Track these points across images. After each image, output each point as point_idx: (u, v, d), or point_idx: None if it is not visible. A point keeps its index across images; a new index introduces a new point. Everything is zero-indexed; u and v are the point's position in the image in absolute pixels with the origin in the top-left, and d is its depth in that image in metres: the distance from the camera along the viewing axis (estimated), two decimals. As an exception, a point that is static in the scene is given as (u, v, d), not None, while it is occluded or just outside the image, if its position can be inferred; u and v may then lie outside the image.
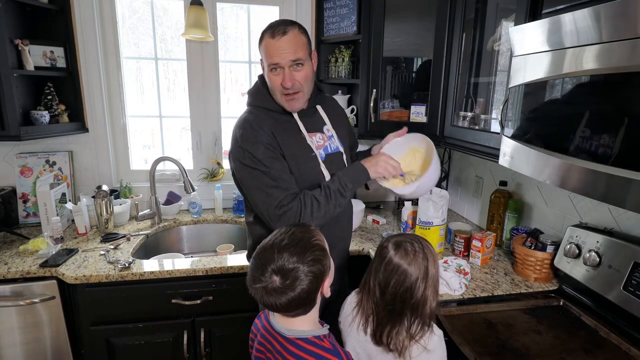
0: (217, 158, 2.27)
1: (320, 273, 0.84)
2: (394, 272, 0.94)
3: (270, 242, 0.86)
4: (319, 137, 1.30)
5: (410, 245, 0.97)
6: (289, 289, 0.80)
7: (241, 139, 1.18)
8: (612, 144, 0.81)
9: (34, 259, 1.55)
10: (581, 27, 0.85)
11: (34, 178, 1.96)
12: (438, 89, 1.67)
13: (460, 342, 1.07)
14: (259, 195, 1.18)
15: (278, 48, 1.15)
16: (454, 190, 2.26)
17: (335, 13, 2.01)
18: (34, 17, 1.83)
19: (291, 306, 0.83)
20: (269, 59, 1.18)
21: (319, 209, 1.17)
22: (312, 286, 0.82)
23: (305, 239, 0.86)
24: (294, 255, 0.81)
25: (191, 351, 1.62)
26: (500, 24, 1.42)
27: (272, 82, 1.21)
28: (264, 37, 1.19)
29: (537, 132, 1.04)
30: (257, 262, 0.84)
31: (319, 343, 0.86)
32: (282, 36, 1.15)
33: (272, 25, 1.18)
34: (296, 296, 0.81)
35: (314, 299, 0.86)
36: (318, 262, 0.83)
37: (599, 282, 1.20)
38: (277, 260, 0.81)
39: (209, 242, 2.13)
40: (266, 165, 1.16)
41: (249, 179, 1.19)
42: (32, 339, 1.54)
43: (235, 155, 1.20)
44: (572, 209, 1.45)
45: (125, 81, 2.12)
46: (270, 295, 0.81)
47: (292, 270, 0.80)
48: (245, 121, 1.22)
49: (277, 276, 0.80)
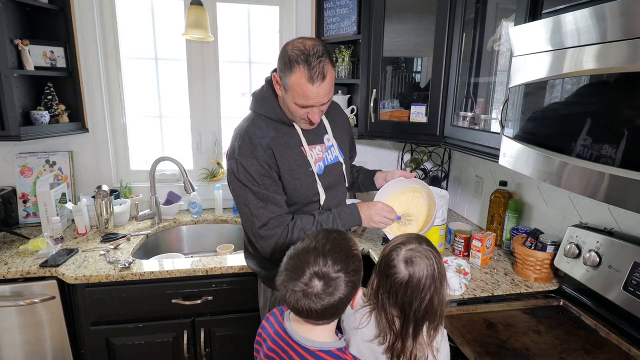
0: (217, 158, 2.27)
1: (357, 283, 0.83)
2: (415, 291, 0.88)
3: (312, 245, 0.83)
4: (319, 150, 1.29)
5: (419, 255, 0.90)
6: (329, 295, 0.78)
7: (238, 150, 1.17)
8: (612, 144, 0.81)
9: (34, 259, 1.55)
10: (581, 27, 0.85)
11: (34, 178, 1.96)
12: (438, 89, 1.67)
13: (460, 342, 1.07)
14: (245, 212, 1.18)
15: (317, 94, 1.10)
16: (454, 190, 2.26)
17: (335, 13, 2.01)
18: (34, 17, 1.83)
19: (324, 313, 0.80)
20: (302, 100, 1.12)
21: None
22: (350, 296, 0.82)
23: (347, 247, 0.85)
24: (338, 263, 0.80)
25: (191, 351, 1.62)
26: (500, 24, 1.42)
27: (296, 112, 1.16)
28: (297, 74, 1.07)
29: (537, 132, 1.04)
30: (295, 263, 0.81)
31: (341, 356, 0.84)
32: (321, 82, 1.08)
33: (308, 63, 1.06)
34: (334, 303, 0.79)
35: (344, 309, 0.84)
36: (357, 273, 0.83)
37: (599, 282, 1.20)
38: (320, 264, 0.79)
39: (209, 242, 2.13)
40: (258, 182, 1.15)
41: (239, 194, 1.19)
42: (32, 339, 1.54)
43: (230, 167, 1.19)
44: (572, 209, 1.45)
45: (125, 81, 2.12)
46: (307, 298, 0.78)
47: (336, 278, 0.79)
48: (245, 133, 1.19)
49: (320, 281, 0.78)
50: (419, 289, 0.88)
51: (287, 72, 1.09)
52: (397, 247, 0.93)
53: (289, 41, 1.13)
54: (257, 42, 2.24)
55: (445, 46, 1.62)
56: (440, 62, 1.64)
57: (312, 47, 1.08)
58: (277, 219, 1.17)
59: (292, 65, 1.08)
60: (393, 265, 0.91)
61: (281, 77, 1.13)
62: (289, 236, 1.16)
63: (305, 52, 1.07)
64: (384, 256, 0.95)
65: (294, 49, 1.08)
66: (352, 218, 1.25)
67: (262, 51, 2.25)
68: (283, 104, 1.20)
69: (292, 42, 1.12)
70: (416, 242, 0.93)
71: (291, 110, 1.17)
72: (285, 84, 1.12)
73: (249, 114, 1.26)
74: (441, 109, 1.69)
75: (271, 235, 1.16)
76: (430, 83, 1.71)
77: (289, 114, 1.20)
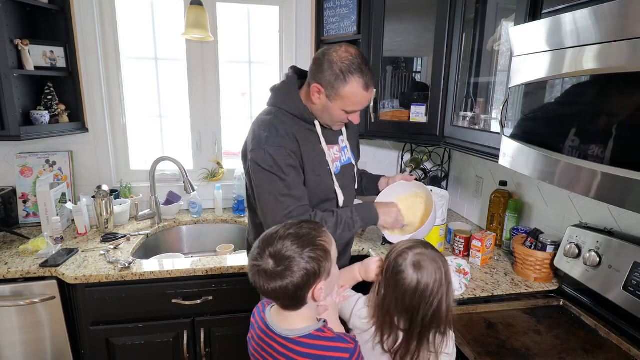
0: (217, 158, 2.27)
1: (314, 273, 0.81)
2: (423, 296, 0.87)
3: (277, 229, 0.86)
4: (336, 150, 1.32)
5: (427, 259, 0.89)
6: (279, 276, 0.79)
7: (266, 141, 1.16)
8: (612, 144, 0.81)
9: (34, 259, 1.55)
10: (581, 27, 0.85)
11: (34, 178, 1.96)
12: (438, 89, 1.67)
13: (460, 342, 1.07)
14: (269, 200, 1.17)
15: (368, 99, 1.19)
16: (454, 190, 2.26)
17: (335, 13, 2.01)
18: (34, 17, 1.83)
19: (278, 295, 0.82)
20: (353, 107, 1.18)
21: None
22: (302, 282, 0.80)
23: (311, 235, 0.84)
24: (294, 246, 0.81)
25: (191, 351, 1.62)
26: (500, 24, 1.42)
27: (339, 117, 1.21)
28: (352, 84, 1.14)
29: (537, 132, 1.04)
30: (259, 244, 0.85)
31: (322, 335, 0.84)
32: (372, 87, 1.17)
33: (362, 72, 1.14)
34: (283, 287, 0.79)
35: (302, 298, 0.83)
36: (315, 261, 0.81)
37: (599, 282, 1.20)
38: (276, 244, 0.81)
39: (209, 242, 2.13)
40: (284, 172, 1.15)
41: (264, 182, 1.17)
42: (32, 339, 1.54)
43: (256, 156, 1.17)
44: (572, 209, 1.45)
45: (125, 81, 2.12)
46: (260, 276, 0.81)
47: (287, 258, 0.79)
48: (271, 124, 1.19)
49: (272, 260, 0.80)
50: (427, 294, 0.87)
51: (339, 83, 1.14)
52: (404, 252, 0.92)
53: (328, 51, 1.16)
54: (257, 42, 2.24)
55: (445, 46, 1.62)
56: (440, 62, 1.64)
57: (357, 56, 1.14)
58: (301, 208, 1.17)
59: (346, 76, 1.13)
60: (401, 270, 0.89)
61: (327, 88, 1.16)
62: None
63: (357, 62, 1.13)
64: (391, 262, 0.93)
65: (343, 60, 1.13)
66: (370, 215, 1.26)
67: (262, 51, 2.25)
68: (321, 111, 1.22)
69: (335, 53, 1.14)
70: (422, 247, 0.93)
71: (334, 116, 1.21)
72: (333, 94, 1.16)
73: (270, 108, 1.26)
74: (441, 109, 1.69)
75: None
76: (430, 83, 1.71)
77: (327, 119, 1.23)
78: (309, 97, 1.21)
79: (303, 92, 1.24)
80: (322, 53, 1.17)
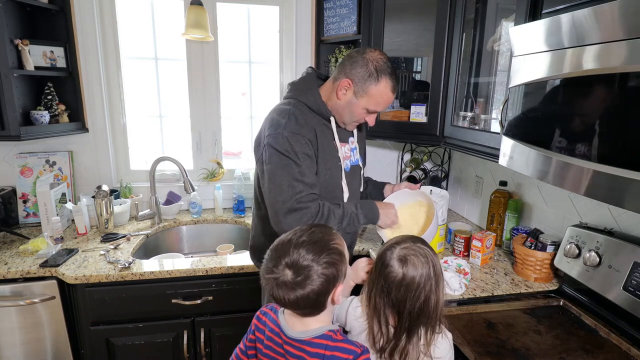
0: (217, 158, 2.27)
1: (333, 277, 0.81)
2: (409, 289, 0.88)
3: (288, 237, 0.85)
4: (347, 149, 1.34)
5: (413, 253, 0.90)
6: (299, 286, 0.79)
7: (285, 127, 1.18)
8: (611, 143, 0.81)
9: (34, 259, 1.55)
10: (581, 27, 0.85)
11: (34, 178, 1.96)
12: (438, 89, 1.67)
13: (460, 342, 1.07)
14: (281, 183, 1.16)
15: (390, 102, 1.27)
16: (454, 190, 2.26)
17: (335, 13, 2.01)
18: (34, 17, 1.83)
19: (299, 305, 0.81)
20: (375, 107, 1.24)
21: (332, 223, 1.18)
22: (323, 289, 0.80)
23: (324, 240, 0.84)
24: (310, 253, 0.80)
25: (191, 351, 1.62)
26: (500, 24, 1.42)
27: (359, 115, 1.26)
28: (383, 84, 1.20)
29: (537, 132, 1.04)
30: (272, 254, 0.84)
31: (333, 337, 0.84)
32: (396, 92, 1.24)
33: (393, 75, 1.21)
34: (305, 295, 0.79)
35: (323, 303, 0.83)
36: (332, 266, 0.81)
37: (599, 282, 1.20)
38: (292, 254, 0.80)
39: (209, 242, 2.13)
40: (300, 158, 1.17)
41: (277, 166, 1.17)
42: (32, 339, 1.54)
43: (273, 140, 1.18)
44: (572, 209, 1.45)
45: (125, 81, 2.12)
46: (280, 288, 0.80)
47: (305, 267, 0.79)
48: (290, 113, 1.21)
49: (290, 270, 0.79)
50: (413, 287, 0.88)
51: (371, 80, 1.20)
52: (392, 246, 0.94)
53: (364, 50, 1.22)
54: (257, 42, 2.24)
55: (445, 46, 1.62)
56: (440, 62, 1.64)
57: (389, 61, 1.22)
58: (311, 196, 1.18)
59: (379, 75, 1.19)
60: (387, 264, 0.91)
61: (357, 84, 1.21)
62: (320, 213, 1.18)
63: (389, 65, 1.21)
64: (379, 256, 0.95)
65: (378, 61, 1.20)
66: (372, 213, 1.29)
67: (262, 51, 2.25)
68: (343, 107, 1.25)
69: (371, 53, 1.21)
70: (410, 242, 0.94)
71: (354, 114, 1.26)
72: (362, 91, 1.21)
73: (289, 100, 1.28)
74: (441, 109, 1.69)
75: (304, 208, 1.16)
76: (430, 83, 1.71)
77: (346, 116, 1.27)
78: (331, 94, 1.26)
79: (323, 89, 1.29)
80: (357, 51, 1.24)
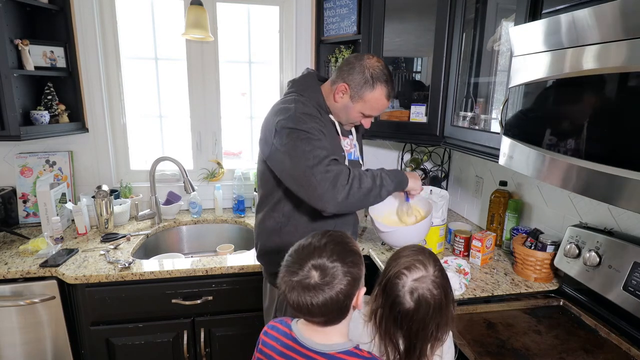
0: (217, 158, 2.27)
1: (357, 277, 0.81)
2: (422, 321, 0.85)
3: (309, 241, 0.84)
4: (347, 142, 1.37)
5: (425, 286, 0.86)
6: (327, 286, 0.77)
7: (296, 109, 1.20)
8: (612, 143, 0.81)
9: (34, 259, 1.55)
10: (581, 27, 0.85)
11: (34, 178, 1.96)
12: (438, 89, 1.67)
13: (460, 342, 1.07)
14: (304, 150, 1.14)
15: (385, 108, 1.31)
16: (454, 190, 2.26)
17: (335, 13, 2.01)
18: (34, 17, 1.83)
19: (327, 308, 0.78)
20: (370, 112, 1.28)
21: (359, 188, 1.16)
22: (349, 289, 0.79)
23: (344, 242, 0.84)
24: (335, 254, 0.80)
25: (191, 351, 1.62)
26: (500, 24, 1.42)
27: (355, 118, 1.30)
28: (379, 91, 1.24)
29: (537, 132, 1.04)
30: (294, 258, 0.82)
31: (359, 354, 0.81)
32: (392, 99, 1.29)
33: (389, 82, 1.25)
34: (334, 296, 0.77)
35: (348, 307, 0.82)
36: (356, 266, 0.81)
37: (599, 282, 1.20)
38: (317, 256, 0.79)
39: (209, 242, 2.13)
40: (316, 135, 1.17)
41: (297, 141, 1.15)
42: (32, 339, 1.54)
43: (286, 122, 1.17)
44: (572, 209, 1.45)
45: (125, 81, 2.12)
46: (306, 291, 0.77)
47: (332, 268, 0.78)
48: (297, 101, 1.24)
49: (317, 271, 0.78)
50: (425, 320, 0.86)
51: (367, 87, 1.23)
52: (403, 273, 0.88)
53: (361, 57, 1.25)
54: (257, 42, 2.24)
55: (445, 46, 1.62)
56: (440, 62, 1.64)
57: (386, 67, 1.25)
58: (336, 161, 1.18)
59: (374, 82, 1.23)
60: (398, 295, 0.87)
61: (354, 89, 1.24)
62: (352, 173, 1.16)
63: (385, 73, 1.24)
64: (389, 278, 0.90)
65: (375, 68, 1.23)
66: (400, 177, 1.29)
67: (262, 51, 2.25)
68: (340, 109, 1.29)
69: (369, 60, 1.24)
70: (423, 269, 0.88)
71: (350, 117, 1.29)
72: (357, 96, 1.25)
73: (291, 95, 1.29)
74: (441, 109, 1.69)
75: (332, 170, 1.13)
76: (430, 83, 1.71)
77: (342, 118, 1.31)
78: (329, 95, 1.29)
79: (322, 89, 1.31)
80: (355, 57, 1.26)
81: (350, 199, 1.14)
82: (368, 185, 1.18)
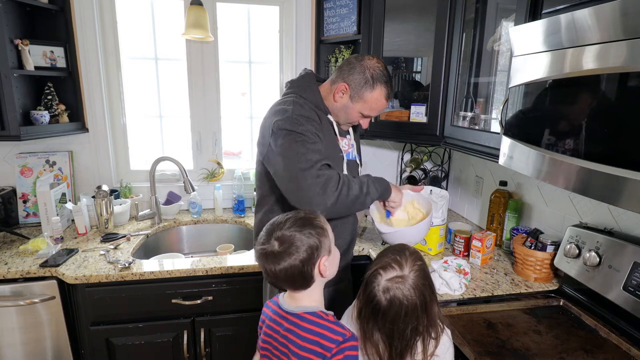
0: (217, 158, 2.27)
1: (316, 247, 0.89)
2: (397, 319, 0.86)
3: (279, 219, 0.94)
4: (345, 142, 1.37)
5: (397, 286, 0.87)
6: (285, 254, 0.88)
7: (293, 111, 1.21)
8: (611, 143, 0.81)
9: (34, 259, 1.55)
10: (581, 27, 0.85)
11: (34, 178, 1.96)
12: (438, 89, 1.67)
13: (460, 342, 1.07)
14: (298, 152, 1.16)
15: (384, 108, 1.33)
16: (454, 190, 2.26)
17: (335, 13, 2.01)
18: (34, 17, 1.83)
19: (288, 273, 0.89)
20: (369, 112, 1.29)
21: (347, 195, 1.19)
22: (307, 257, 0.88)
23: (308, 217, 0.93)
24: (295, 226, 0.90)
25: (191, 351, 1.62)
26: (500, 24, 1.42)
27: (354, 118, 1.31)
28: (378, 91, 1.25)
29: (537, 132, 1.04)
30: (264, 232, 0.93)
31: (325, 317, 0.91)
32: (391, 100, 1.28)
33: (388, 83, 1.27)
34: (292, 263, 0.88)
35: (310, 274, 0.90)
36: (315, 236, 0.90)
37: (599, 282, 1.20)
38: (279, 229, 0.90)
39: (209, 242, 2.13)
40: (311, 138, 1.19)
41: (291, 142, 1.17)
42: (32, 339, 1.54)
43: (283, 123, 1.19)
44: (572, 209, 1.45)
45: (125, 81, 2.12)
46: (268, 259, 0.89)
47: (289, 237, 0.88)
48: (295, 103, 1.24)
49: (277, 242, 0.89)
50: (399, 318, 0.87)
51: (367, 87, 1.25)
52: (378, 272, 0.90)
53: (362, 57, 1.27)
54: (257, 42, 2.24)
55: (445, 46, 1.62)
56: (440, 62, 1.64)
57: (385, 68, 1.27)
58: (328, 166, 1.21)
59: (374, 83, 1.24)
60: (373, 293, 0.89)
61: (354, 89, 1.26)
62: (341, 178, 1.19)
63: (385, 74, 1.26)
64: (369, 276, 0.92)
65: (375, 69, 1.24)
66: (384, 187, 1.32)
67: (262, 51, 2.25)
68: (339, 109, 1.30)
69: (369, 61, 1.26)
70: (398, 268, 0.89)
71: (349, 116, 1.31)
72: (357, 96, 1.26)
73: (289, 95, 1.30)
74: (441, 109, 1.69)
75: (323, 174, 1.16)
76: (430, 83, 1.71)
77: (341, 118, 1.32)
78: (329, 95, 1.29)
79: (321, 89, 1.32)
80: (355, 57, 1.27)
81: (339, 205, 1.18)
82: (356, 192, 1.21)
